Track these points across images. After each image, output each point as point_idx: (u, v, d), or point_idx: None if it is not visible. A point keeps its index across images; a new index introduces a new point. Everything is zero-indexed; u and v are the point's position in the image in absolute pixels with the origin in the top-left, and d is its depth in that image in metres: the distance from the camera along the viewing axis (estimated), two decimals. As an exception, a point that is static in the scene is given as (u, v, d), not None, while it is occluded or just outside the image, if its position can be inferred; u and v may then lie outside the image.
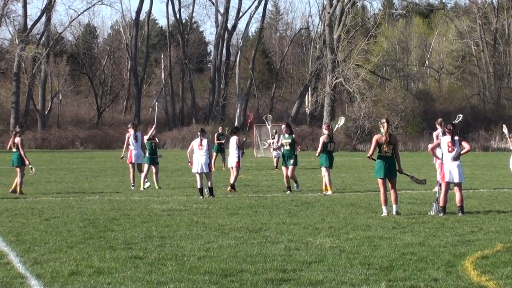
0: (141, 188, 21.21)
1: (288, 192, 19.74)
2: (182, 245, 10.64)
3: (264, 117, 23.75)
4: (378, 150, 14.48)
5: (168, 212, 14.95)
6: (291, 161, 20.12)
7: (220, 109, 71.15)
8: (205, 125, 65.76)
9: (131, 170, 21.84)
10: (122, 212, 15.03)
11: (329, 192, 19.31)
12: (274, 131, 37.07)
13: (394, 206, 14.46)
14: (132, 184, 21.63)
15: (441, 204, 14.37)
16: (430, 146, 15.36)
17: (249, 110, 74.70)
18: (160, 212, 14.98)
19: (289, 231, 12.06)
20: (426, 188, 19.84)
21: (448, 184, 14.44)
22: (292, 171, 20.12)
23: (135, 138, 21.89)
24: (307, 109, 74.14)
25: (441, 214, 14.23)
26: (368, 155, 14.64)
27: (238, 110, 69.76)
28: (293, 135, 20.62)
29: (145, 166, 21.76)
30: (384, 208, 14.35)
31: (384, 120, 14.57)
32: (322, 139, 19.77)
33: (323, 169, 19.66)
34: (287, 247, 10.42)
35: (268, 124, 22.83)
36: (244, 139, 23.48)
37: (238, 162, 20.67)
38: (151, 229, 12.41)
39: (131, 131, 21.96)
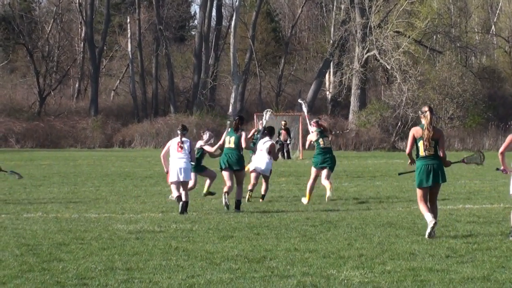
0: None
1: None
2: (156, 280, 10.66)
3: (264, 112, 23.49)
4: (416, 148, 14.56)
5: (136, 235, 14.98)
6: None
7: (209, 92, 71.18)
8: (188, 114, 65.86)
9: None
10: (74, 234, 15.04)
11: None
12: (283, 122, 37.13)
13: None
14: None
15: (512, 223, 14.39)
16: (501, 148, 14.87)
17: (248, 93, 74.73)
18: (125, 235, 15.00)
19: (304, 261, 12.08)
20: (492, 202, 19.82)
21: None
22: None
23: None
24: (328, 92, 74.18)
25: (511, 238, 14.25)
26: (407, 152, 14.77)
27: (233, 94, 69.79)
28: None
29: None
30: (428, 215, 14.35)
31: (426, 109, 14.59)
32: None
33: None
34: (301, 283, 10.45)
35: (264, 119, 22.54)
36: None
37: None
38: (114, 258, 12.43)
39: None
